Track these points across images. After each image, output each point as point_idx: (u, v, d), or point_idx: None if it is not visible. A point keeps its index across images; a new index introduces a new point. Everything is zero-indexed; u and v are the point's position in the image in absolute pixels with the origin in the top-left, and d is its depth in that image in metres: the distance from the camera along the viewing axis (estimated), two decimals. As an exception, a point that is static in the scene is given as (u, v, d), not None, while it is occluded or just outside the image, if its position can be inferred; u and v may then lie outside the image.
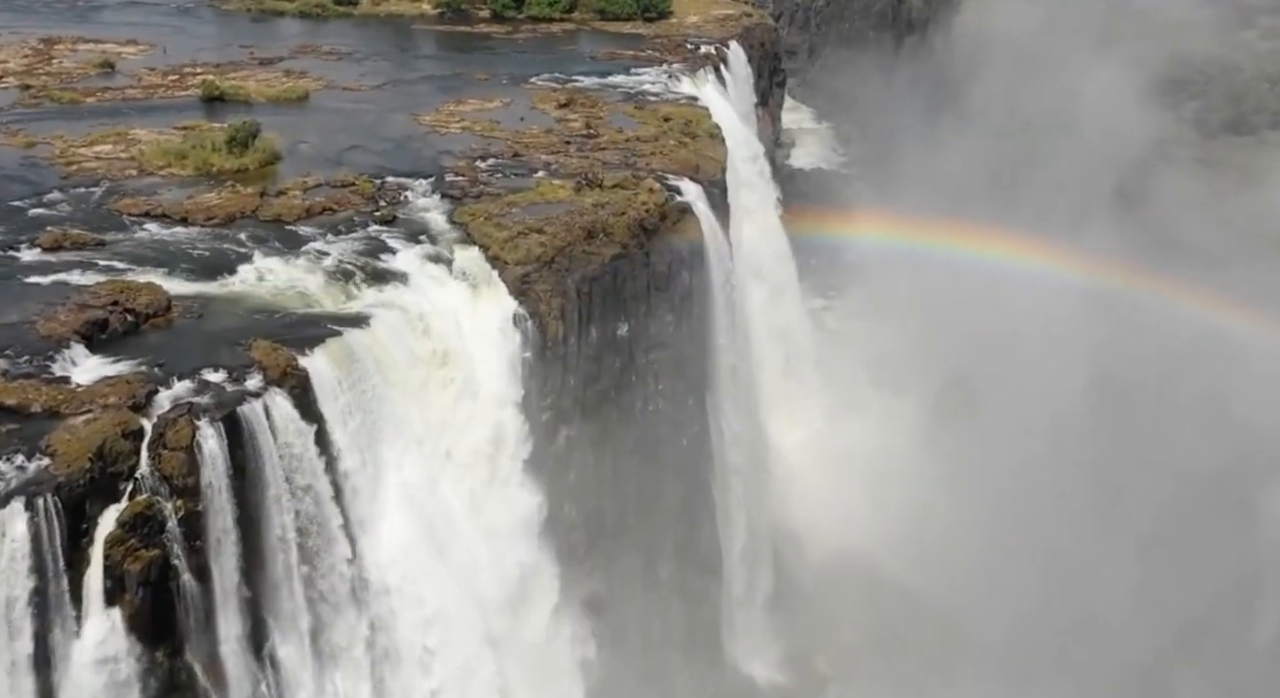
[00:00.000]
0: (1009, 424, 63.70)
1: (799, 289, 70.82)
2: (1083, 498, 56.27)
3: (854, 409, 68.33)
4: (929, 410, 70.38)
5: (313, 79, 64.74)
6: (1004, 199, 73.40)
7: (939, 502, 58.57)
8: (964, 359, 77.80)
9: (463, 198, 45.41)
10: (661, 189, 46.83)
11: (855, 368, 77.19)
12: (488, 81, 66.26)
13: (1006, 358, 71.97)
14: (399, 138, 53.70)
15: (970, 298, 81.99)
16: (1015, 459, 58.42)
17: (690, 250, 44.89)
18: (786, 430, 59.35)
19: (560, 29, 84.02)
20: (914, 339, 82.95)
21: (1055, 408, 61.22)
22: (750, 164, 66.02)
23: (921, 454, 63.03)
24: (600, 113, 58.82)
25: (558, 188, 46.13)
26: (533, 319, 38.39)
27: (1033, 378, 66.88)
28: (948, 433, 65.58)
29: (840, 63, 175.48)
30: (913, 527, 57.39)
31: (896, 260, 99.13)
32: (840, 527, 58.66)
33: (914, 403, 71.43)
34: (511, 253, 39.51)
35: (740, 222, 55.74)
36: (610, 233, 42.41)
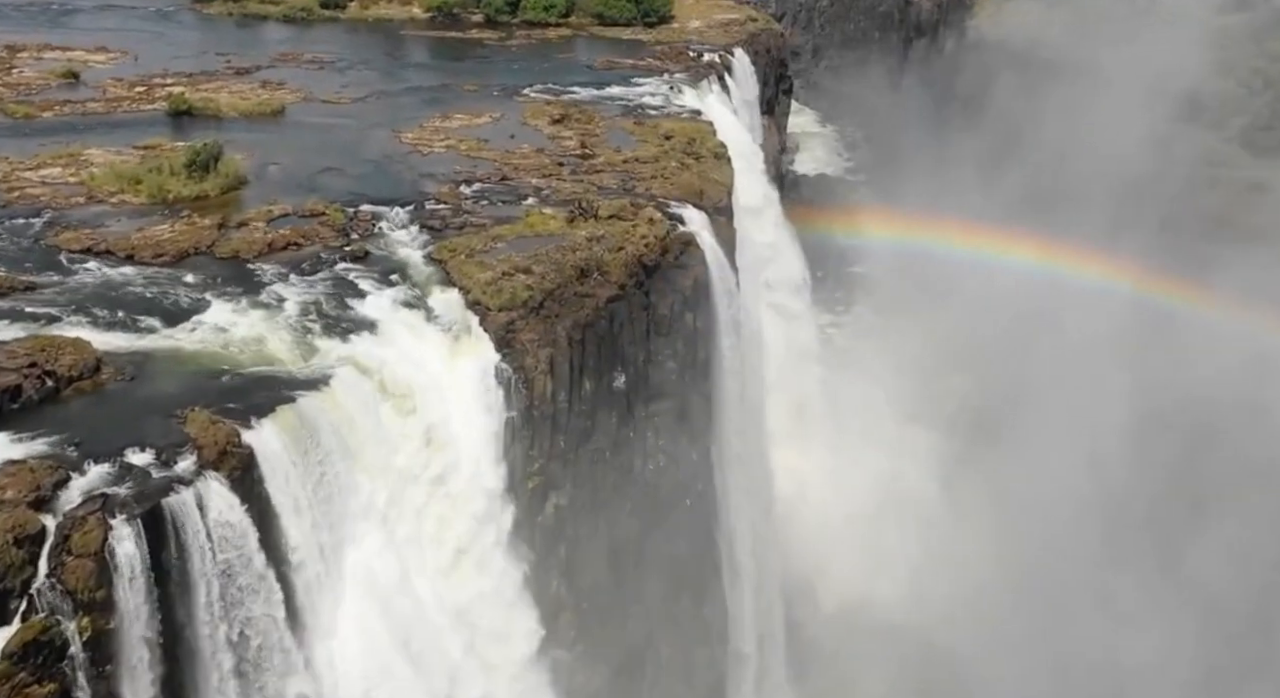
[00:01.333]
0: (1038, 457, 59.13)
1: (811, 313, 65.79)
2: (1125, 543, 51.46)
3: (867, 441, 63.85)
4: (947, 440, 65.89)
5: (290, 91, 60.24)
6: (1029, 217, 68.68)
7: (962, 546, 54.03)
8: (984, 382, 73.25)
9: (443, 229, 40.92)
10: (663, 219, 42.33)
11: (867, 393, 72.67)
12: (477, 93, 61.74)
13: (1033, 379, 67.36)
14: (378, 158, 49.19)
15: (988, 315, 77.49)
16: (1046, 498, 53.75)
17: (694, 288, 40.41)
18: (796, 467, 54.82)
19: (556, 35, 79.46)
20: (929, 359, 78.49)
21: (1090, 437, 56.33)
22: (757, 183, 61.45)
23: (941, 492, 58.58)
24: (596, 129, 54.30)
25: (548, 218, 41.62)
26: (518, 374, 33.88)
27: (1064, 402, 62.26)
28: (969, 467, 61.11)
29: (845, 64, 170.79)
30: (935, 574, 52.93)
31: (907, 272, 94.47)
32: (856, 575, 54.19)
33: (931, 432, 66.94)
34: (495, 297, 35.00)
35: (747, 247, 51.19)
36: (606, 272, 37.91)
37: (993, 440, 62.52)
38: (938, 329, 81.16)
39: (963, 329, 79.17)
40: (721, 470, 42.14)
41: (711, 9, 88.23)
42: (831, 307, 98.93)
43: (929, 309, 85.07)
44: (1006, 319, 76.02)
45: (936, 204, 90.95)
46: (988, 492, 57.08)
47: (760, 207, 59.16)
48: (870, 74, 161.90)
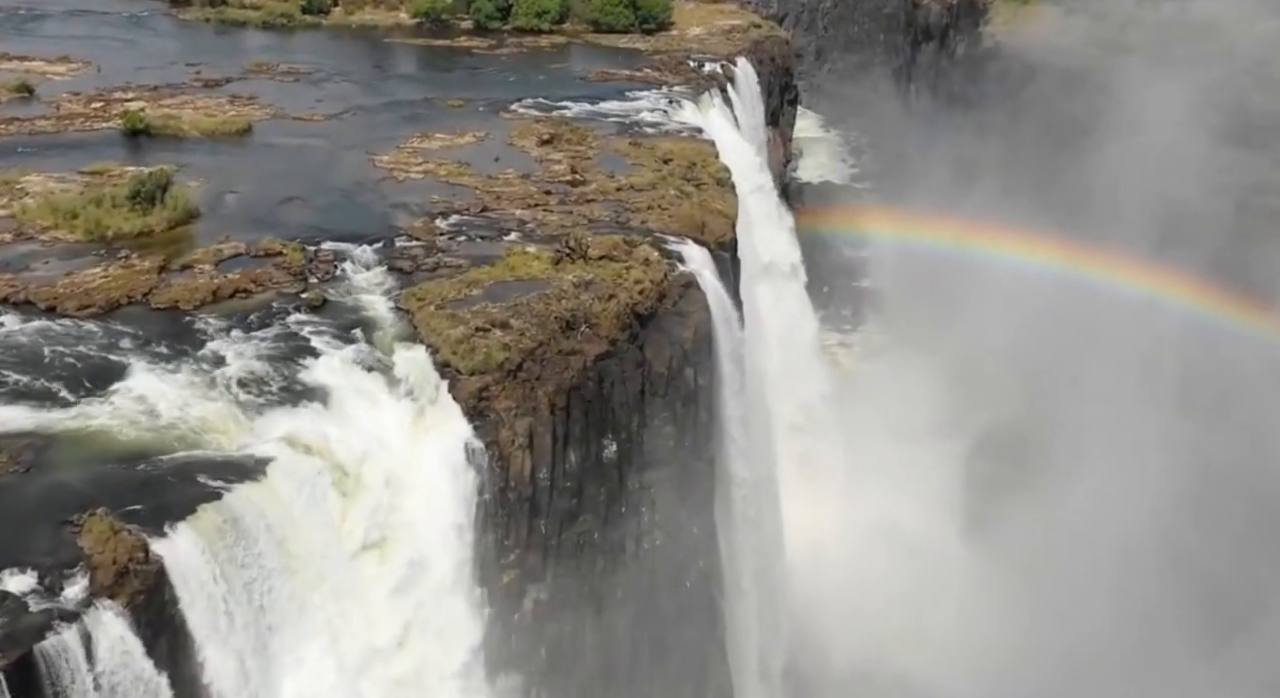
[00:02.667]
0: (1067, 494, 54.03)
1: (818, 344, 60.91)
2: (1170, 605, 46.17)
3: (880, 479, 58.97)
4: (967, 483, 61.02)
5: (260, 107, 55.55)
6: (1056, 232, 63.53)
7: (983, 601, 49.15)
8: (1006, 409, 68.07)
9: (414, 271, 36.20)
10: (660, 259, 37.60)
11: (878, 422, 67.71)
12: (461, 109, 56.99)
13: (1059, 404, 62.25)
14: (348, 185, 44.45)
15: (1007, 333, 72.43)
16: (1080, 556, 48.71)
17: (695, 339, 35.72)
18: (803, 515, 50.02)
19: (549, 43, 74.68)
20: (944, 383, 73.55)
21: (1134, 484, 51.14)
22: (763, 205, 56.73)
23: (959, 539, 53.60)
24: (588, 151, 49.55)
25: (532, 259, 36.89)
26: (491, 451, 29.19)
27: (1098, 432, 57.05)
28: (990, 508, 56.21)
29: (849, 67, 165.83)
30: (955, 635, 48.00)
31: (917, 286, 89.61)
32: (870, 634, 49.39)
33: (950, 471, 62.05)
34: (467, 359, 30.30)
35: (754, 282, 46.50)
36: (595, 324, 33.20)
37: (1018, 481, 57.59)
38: (952, 350, 76.21)
39: (979, 349, 74.24)
40: (728, 542, 37.46)
41: (713, 14, 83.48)
42: (838, 324, 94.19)
43: (941, 326, 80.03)
44: (1029, 338, 70.89)
45: (949, 216, 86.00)
46: (1013, 546, 52.15)
47: (768, 231, 54.34)
48: (875, 77, 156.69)
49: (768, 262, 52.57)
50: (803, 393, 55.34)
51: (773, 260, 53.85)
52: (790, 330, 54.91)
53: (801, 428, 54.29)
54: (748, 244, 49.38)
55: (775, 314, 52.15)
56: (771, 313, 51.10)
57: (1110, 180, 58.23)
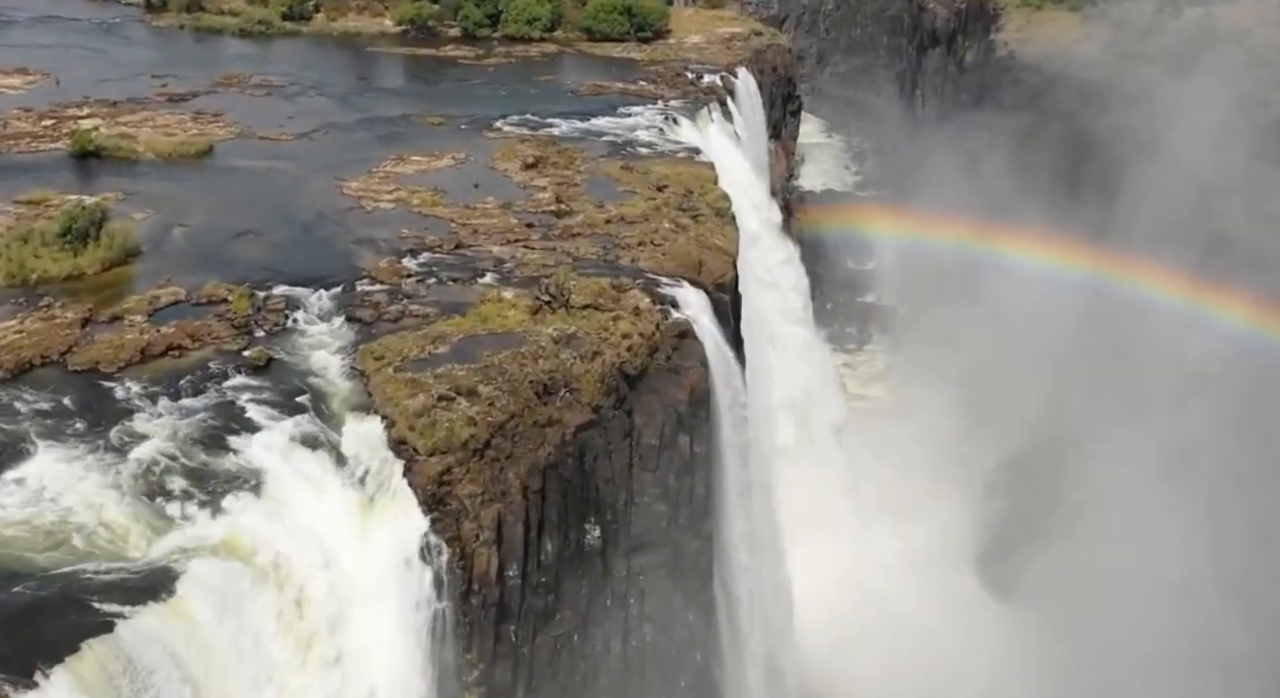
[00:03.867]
0: (1100, 536, 49.35)
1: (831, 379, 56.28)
2: (1231, 664, 41.10)
3: (893, 526, 54.57)
4: (984, 522, 56.62)
5: (225, 124, 51.21)
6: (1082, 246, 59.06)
7: (1015, 669, 44.49)
8: (1024, 440, 63.54)
9: (375, 322, 31.89)
10: (651, 307, 33.23)
11: (888, 456, 63.35)
12: (442, 127, 52.61)
13: (1082, 430, 57.57)
14: (310, 217, 40.09)
15: (1023, 352, 67.90)
16: (1117, 596, 43.94)
17: (691, 400, 31.38)
18: (807, 573, 45.59)
19: (539, 52, 70.22)
20: (956, 406, 69.08)
21: (1173, 516, 46.39)
22: (766, 229, 52.40)
23: (983, 594, 49.03)
24: (576, 176, 45.19)
25: (508, 307, 32.55)
26: (453, 548, 24.86)
27: (1131, 463, 52.44)
28: (1013, 554, 51.77)
29: (852, 71, 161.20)
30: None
31: (926, 301, 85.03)
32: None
33: (965, 509, 57.65)
34: (427, 435, 25.97)
35: (757, 323, 42.16)
36: (576, 389, 28.87)
37: (1043, 520, 53.24)
38: (965, 370, 71.72)
39: (994, 369, 69.73)
40: (730, 627, 33.12)
41: (712, 21, 79.05)
42: (843, 343, 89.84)
43: (952, 345, 75.45)
44: (1049, 358, 66.31)
45: (959, 227, 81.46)
46: (1043, 600, 47.64)
47: (772, 263, 50.03)
48: (878, 81, 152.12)
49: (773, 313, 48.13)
50: (810, 431, 50.92)
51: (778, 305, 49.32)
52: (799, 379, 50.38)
53: (807, 473, 49.86)
54: (748, 274, 45.07)
55: (781, 366, 47.63)
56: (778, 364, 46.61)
57: (1140, 198, 53.84)
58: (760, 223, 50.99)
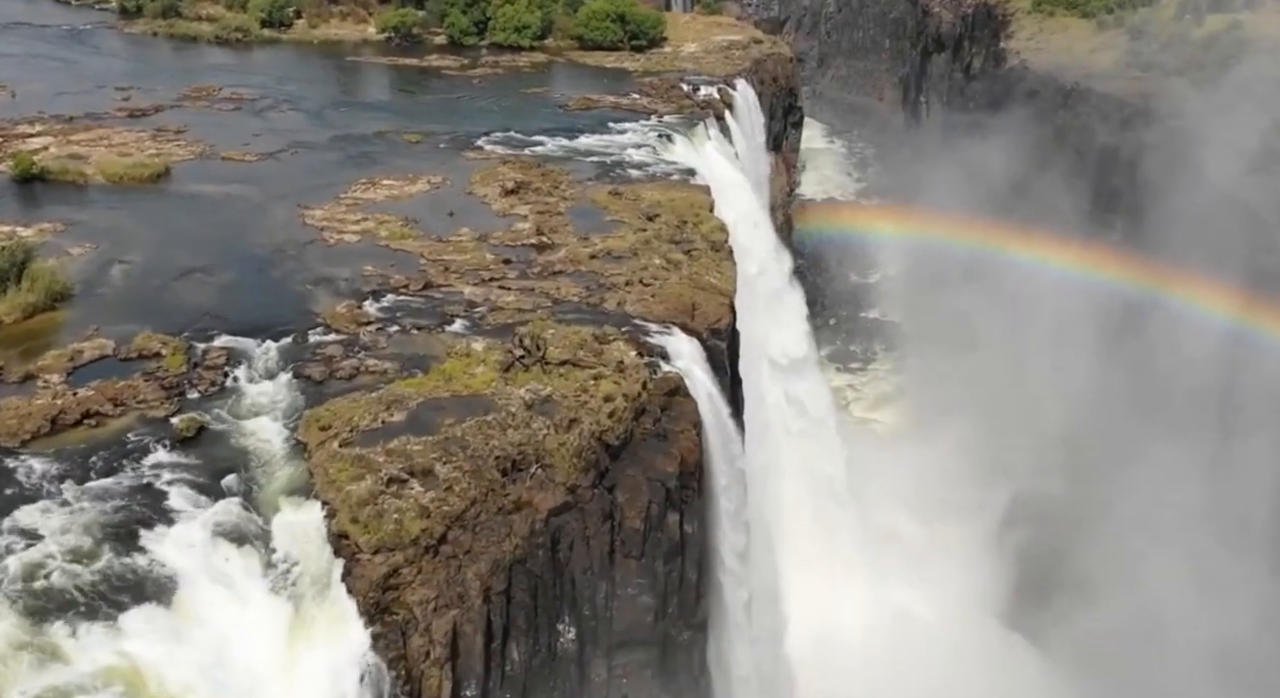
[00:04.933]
0: (1129, 581, 45.36)
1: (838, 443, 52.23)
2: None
3: (904, 573, 50.68)
4: (1000, 569, 52.71)
5: (186, 143, 47.51)
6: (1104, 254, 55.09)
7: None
8: (1043, 467, 59.39)
9: (326, 381, 28.12)
10: (637, 362, 29.43)
11: (897, 491, 59.44)
12: (420, 146, 48.85)
13: (1106, 460, 53.63)
14: (267, 252, 36.32)
15: (1038, 373, 63.98)
16: (1151, 649, 39.88)
17: (682, 468, 27.60)
18: (812, 642, 41.75)
19: (528, 62, 66.39)
20: (969, 433, 65.14)
21: (1215, 558, 42.35)
22: (766, 257, 48.62)
23: (997, 667, 44.99)
24: (560, 204, 41.40)
25: (476, 363, 28.79)
26: (396, 670, 21.06)
27: (1160, 496, 48.46)
28: (1034, 617, 47.90)
29: (854, 74, 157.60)
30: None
31: (934, 317, 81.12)
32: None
33: (979, 555, 53.78)
34: (371, 529, 22.22)
35: (757, 373, 38.38)
36: (549, 465, 25.11)
37: (1063, 567, 49.41)
38: (976, 393, 67.76)
39: (1007, 392, 65.80)
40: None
41: (709, 28, 75.24)
42: (846, 363, 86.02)
43: (961, 365, 71.46)
44: (1067, 379, 62.31)
45: (968, 240, 77.48)
46: (1069, 652, 43.73)
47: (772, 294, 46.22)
48: (881, 86, 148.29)
49: (774, 356, 44.26)
50: (815, 478, 47.10)
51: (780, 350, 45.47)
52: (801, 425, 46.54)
53: (812, 528, 46.03)
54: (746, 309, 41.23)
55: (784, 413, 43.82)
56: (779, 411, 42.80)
57: (1171, 218, 50.03)
58: (762, 252, 47.12)
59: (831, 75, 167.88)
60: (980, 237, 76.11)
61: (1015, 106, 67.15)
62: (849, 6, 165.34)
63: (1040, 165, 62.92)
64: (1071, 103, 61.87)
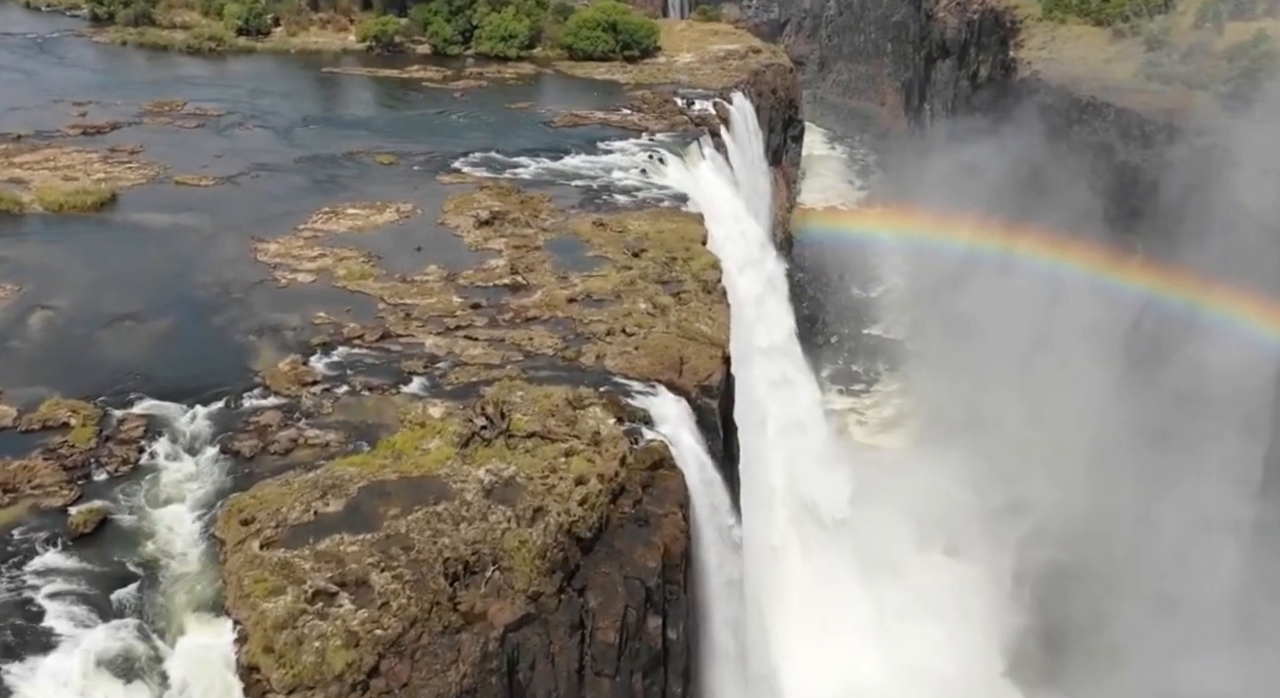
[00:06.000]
0: (1168, 664, 41.36)
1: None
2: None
3: (910, 629, 46.80)
4: (1012, 622, 48.84)
5: (140, 165, 43.70)
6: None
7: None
8: (1061, 501, 55.37)
9: (257, 457, 24.27)
10: (616, 430, 25.54)
11: (900, 533, 55.45)
12: (392, 169, 44.95)
13: (1137, 494, 49.70)
14: (209, 295, 32.42)
15: (1049, 394, 59.98)
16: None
17: (666, 561, 23.73)
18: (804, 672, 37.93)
19: (515, 73, 62.42)
20: (979, 460, 61.16)
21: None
22: (766, 290, 44.74)
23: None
24: (538, 236, 37.50)
25: (431, 434, 24.92)
26: None
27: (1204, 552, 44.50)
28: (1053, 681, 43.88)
29: (856, 79, 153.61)
30: None
31: (940, 334, 77.19)
32: None
33: (990, 607, 49.84)
34: (288, 660, 18.38)
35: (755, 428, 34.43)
36: (508, 568, 21.22)
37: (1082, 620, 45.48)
38: (986, 416, 63.74)
39: (1019, 415, 61.78)
40: None
41: (705, 37, 71.27)
42: (848, 383, 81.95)
43: (969, 386, 67.46)
44: (1083, 399, 58.25)
45: (977, 254, 73.39)
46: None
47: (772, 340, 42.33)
48: (883, 91, 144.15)
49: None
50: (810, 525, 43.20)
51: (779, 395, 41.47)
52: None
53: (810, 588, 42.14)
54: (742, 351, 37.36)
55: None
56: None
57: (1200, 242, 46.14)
58: (761, 283, 43.26)
59: (832, 80, 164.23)
60: (989, 252, 72.24)
61: (1026, 119, 63.15)
62: (850, 10, 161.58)
63: (1053, 182, 58.95)
64: (1088, 117, 57.82)
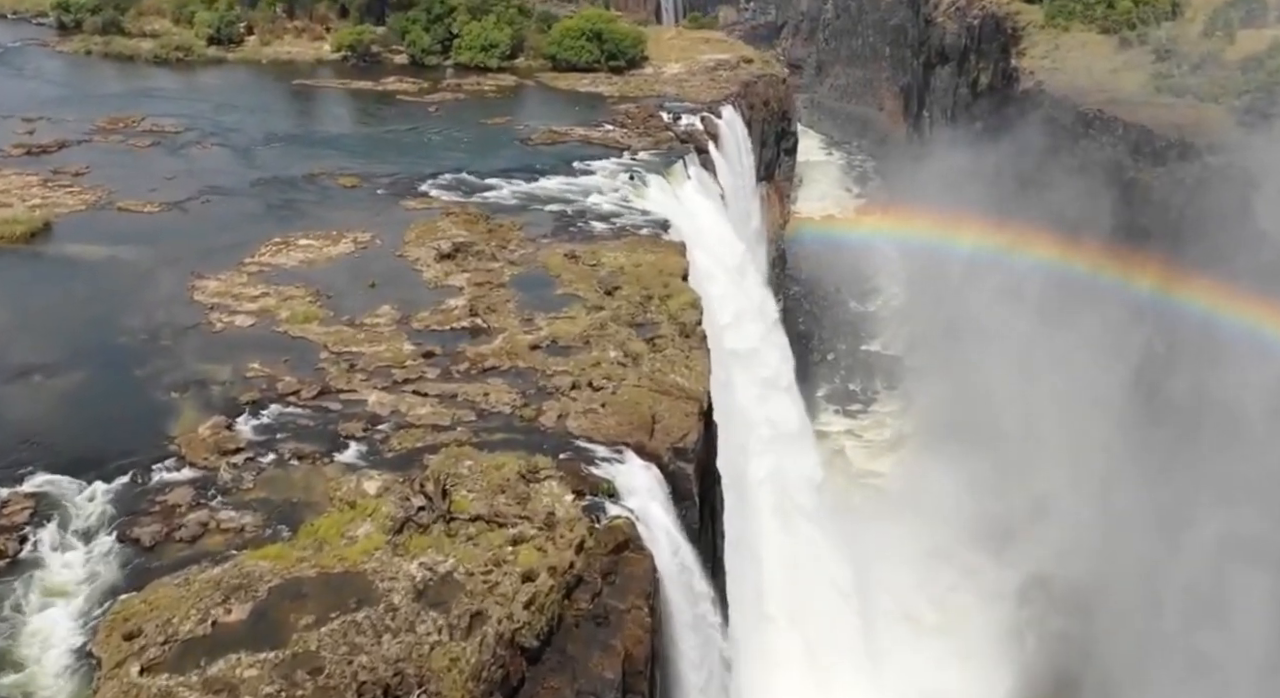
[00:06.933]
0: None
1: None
2: None
3: (909, 676, 43.47)
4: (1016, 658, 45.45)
5: (82, 189, 40.45)
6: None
7: None
8: (1068, 532, 52.05)
9: (158, 547, 20.96)
10: (574, 509, 22.22)
11: (900, 570, 52.17)
12: (354, 193, 41.64)
13: (1148, 527, 46.35)
14: (134, 342, 29.11)
15: (1054, 413, 56.64)
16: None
17: (628, 669, 20.42)
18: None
19: (494, 85, 59.05)
20: (981, 489, 57.88)
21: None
22: (756, 324, 41.38)
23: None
24: (505, 271, 34.16)
25: (361, 517, 21.62)
26: None
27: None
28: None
29: (854, 83, 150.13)
30: None
31: (941, 349, 73.84)
32: None
33: (992, 655, 46.57)
34: None
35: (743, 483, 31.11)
36: (435, 693, 17.85)
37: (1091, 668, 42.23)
38: (989, 438, 60.43)
39: (1023, 437, 58.50)
40: None
41: (695, 45, 67.92)
42: (845, 403, 78.48)
43: (971, 405, 64.13)
44: (1093, 420, 54.95)
45: (979, 265, 70.11)
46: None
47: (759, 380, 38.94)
48: (881, 96, 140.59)
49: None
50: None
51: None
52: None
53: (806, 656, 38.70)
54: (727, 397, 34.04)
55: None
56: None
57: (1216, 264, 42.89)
58: (750, 315, 39.91)
59: (830, 84, 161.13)
60: (990, 264, 69.01)
61: (1029, 132, 59.85)
62: (847, 13, 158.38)
63: (1057, 198, 55.58)
64: (1094, 132, 54.48)
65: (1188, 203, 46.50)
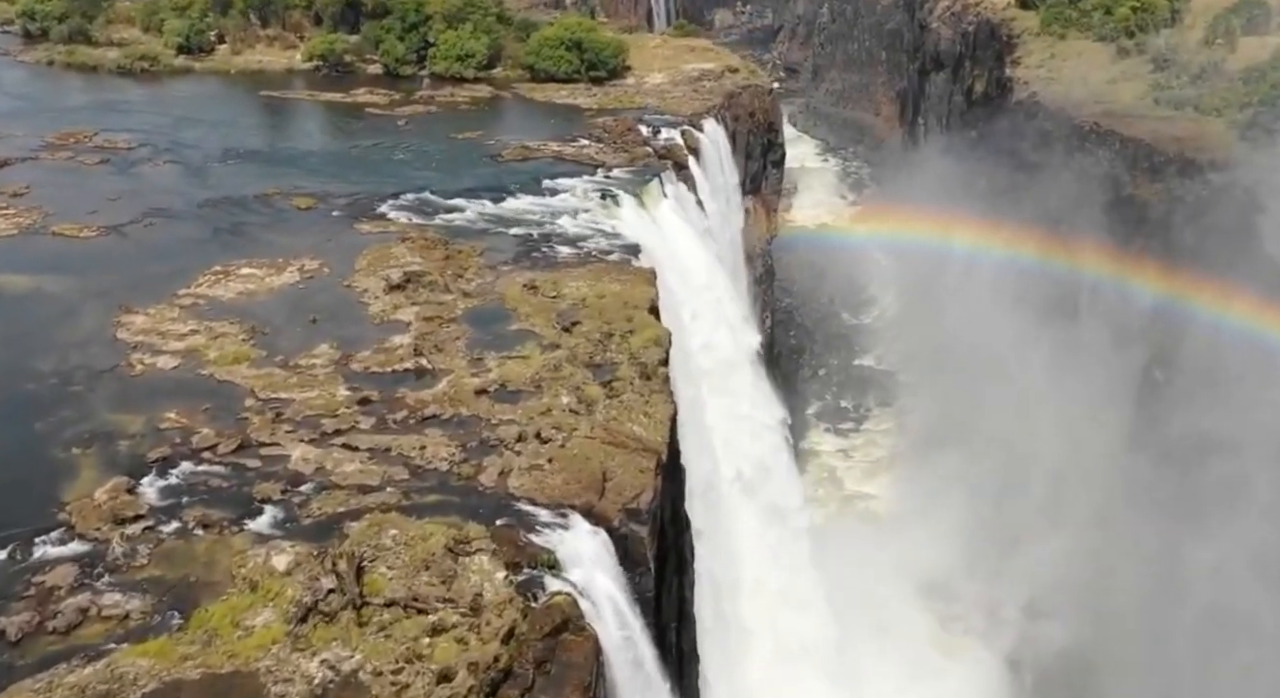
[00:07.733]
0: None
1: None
2: None
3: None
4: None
5: (18, 211, 37.93)
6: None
7: None
8: (1069, 558, 49.28)
9: (24, 640, 18.32)
10: (505, 590, 19.55)
11: (890, 601, 49.48)
12: (308, 213, 38.96)
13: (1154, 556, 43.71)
14: (43, 388, 26.44)
15: (1057, 432, 53.97)
16: None
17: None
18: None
19: (469, 97, 56.27)
20: (976, 512, 55.29)
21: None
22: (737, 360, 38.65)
23: None
24: (458, 303, 31.46)
25: (262, 600, 19.00)
26: None
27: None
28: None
29: (849, 88, 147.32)
30: None
31: (932, 367, 71.12)
32: None
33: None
34: None
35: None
36: None
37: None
38: (987, 459, 57.84)
39: (1023, 458, 55.90)
40: None
41: (680, 54, 65.16)
42: (836, 421, 75.70)
43: (968, 423, 61.52)
44: (1098, 438, 52.35)
45: (978, 276, 67.44)
46: None
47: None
48: (878, 101, 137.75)
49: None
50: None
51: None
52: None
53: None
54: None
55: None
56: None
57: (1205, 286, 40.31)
58: (729, 350, 37.22)
59: (826, 88, 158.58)
60: (986, 277, 66.36)
61: (1024, 145, 57.17)
62: (843, 17, 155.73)
63: (1054, 216, 52.92)
64: (1091, 146, 51.78)
65: (1188, 222, 43.75)
